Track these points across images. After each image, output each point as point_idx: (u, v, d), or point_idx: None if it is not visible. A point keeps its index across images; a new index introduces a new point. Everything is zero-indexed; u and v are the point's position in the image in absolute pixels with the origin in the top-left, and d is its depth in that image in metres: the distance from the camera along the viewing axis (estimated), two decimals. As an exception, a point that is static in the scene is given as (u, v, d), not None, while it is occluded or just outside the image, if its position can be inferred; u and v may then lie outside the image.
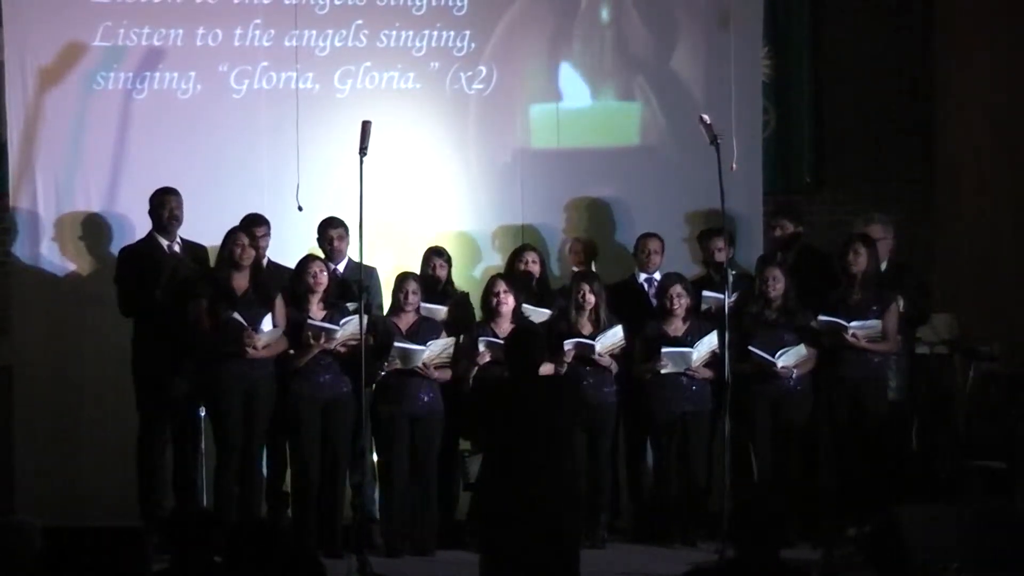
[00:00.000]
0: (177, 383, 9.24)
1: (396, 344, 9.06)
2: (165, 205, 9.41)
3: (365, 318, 8.75)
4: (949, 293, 10.48)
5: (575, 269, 9.86)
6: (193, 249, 9.52)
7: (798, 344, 9.29)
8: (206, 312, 8.95)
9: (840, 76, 11.17)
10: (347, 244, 9.52)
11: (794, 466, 9.35)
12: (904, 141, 11.25)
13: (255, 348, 8.90)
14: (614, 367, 9.33)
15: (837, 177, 11.17)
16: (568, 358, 9.18)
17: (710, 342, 9.31)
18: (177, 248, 9.44)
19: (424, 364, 9.10)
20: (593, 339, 9.25)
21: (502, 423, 7.01)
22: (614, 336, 9.31)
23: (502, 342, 8.91)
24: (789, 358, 9.24)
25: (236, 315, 8.88)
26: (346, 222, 9.45)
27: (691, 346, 9.31)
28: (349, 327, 8.99)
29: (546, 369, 9.00)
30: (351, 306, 9.13)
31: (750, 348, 9.22)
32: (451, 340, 9.22)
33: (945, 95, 11.20)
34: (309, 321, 9.04)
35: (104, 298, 9.49)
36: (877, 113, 11.19)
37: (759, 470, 9.40)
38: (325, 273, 9.16)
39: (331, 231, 9.57)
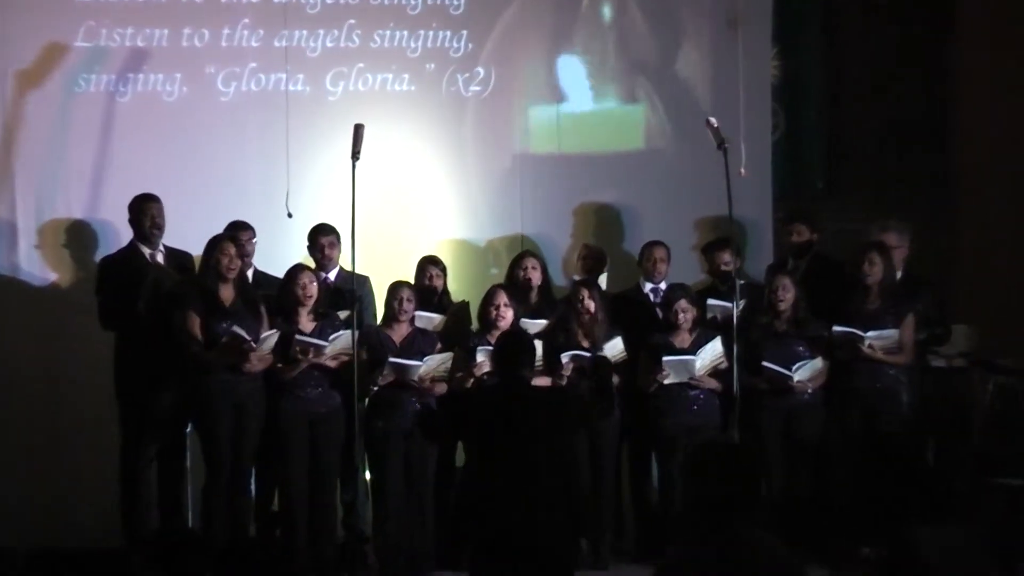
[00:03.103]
0: (161, 398, 9.08)
1: (391, 360, 8.94)
2: (146, 213, 9.32)
3: (357, 331, 8.69)
4: (967, 304, 10.44)
5: (576, 277, 9.78)
6: (178, 257, 9.42)
7: (811, 356, 9.18)
8: (199, 325, 8.80)
9: (852, 77, 11.22)
10: (339, 252, 9.48)
11: (805, 482, 9.22)
12: (918, 145, 11.23)
13: (254, 362, 8.76)
14: (614, 379, 9.14)
15: (849, 182, 11.18)
16: (567, 371, 9.04)
17: (713, 349, 9.18)
18: (160, 257, 9.33)
19: (420, 377, 8.97)
20: (591, 351, 9.10)
21: (482, 432, 6.78)
22: (614, 348, 9.19)
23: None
24: (805, 372, 9.14)
25: (237, 328, 8.73)
26: (338, 229, 9.40)
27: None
28: (339, 342, 8.88)
29: (542, 383, 8.96)
30: (343, 314, 9.05)
31: (764, 364, 9.11)
32: (448, 355, 9.10)
33: (962, 97, 11.22)
34: (297, 337, 8.93)
35: (86, 309, 9.37)
36: (891, 116, 11.19)
37: (769, 487, 9.16)
38: (315, 284, 9.05)
39: (322, 238, 9.51)
